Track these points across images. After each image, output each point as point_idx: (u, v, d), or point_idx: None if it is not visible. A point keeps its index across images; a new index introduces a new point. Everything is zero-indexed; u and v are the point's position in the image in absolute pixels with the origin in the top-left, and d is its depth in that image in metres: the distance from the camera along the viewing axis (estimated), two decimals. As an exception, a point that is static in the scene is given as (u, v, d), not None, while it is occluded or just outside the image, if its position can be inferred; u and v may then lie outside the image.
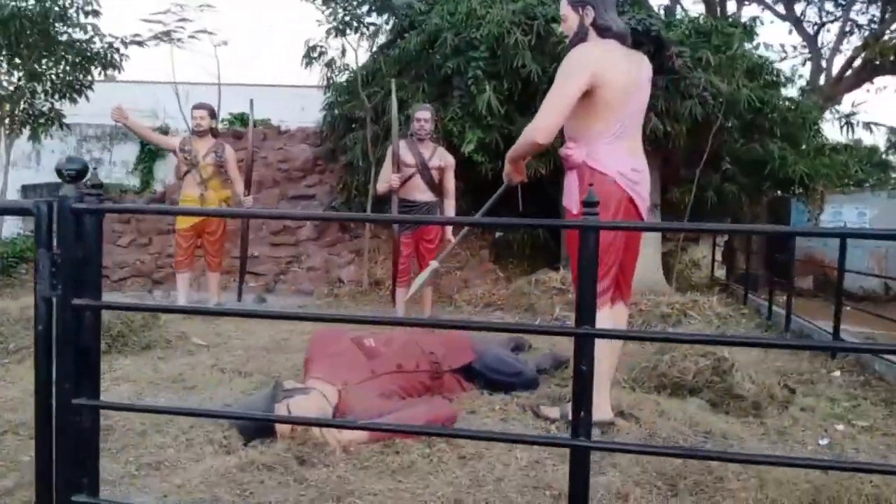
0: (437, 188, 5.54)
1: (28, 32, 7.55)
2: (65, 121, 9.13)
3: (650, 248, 7.91)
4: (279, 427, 2.56)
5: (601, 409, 2.68)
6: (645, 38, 6.07)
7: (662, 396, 3.29)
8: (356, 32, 7.12)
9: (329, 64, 8.26)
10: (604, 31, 2.79)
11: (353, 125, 8.15)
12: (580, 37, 2.82)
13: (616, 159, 2.71)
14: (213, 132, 5.93)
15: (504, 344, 3.55)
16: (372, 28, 7.38)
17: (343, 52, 8.21)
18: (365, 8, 6.57)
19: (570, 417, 2.74)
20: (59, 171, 1.52)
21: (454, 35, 6.73)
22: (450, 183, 5.58)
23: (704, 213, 8.25)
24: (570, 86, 2.63)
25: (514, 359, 3.34)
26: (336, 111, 8.63)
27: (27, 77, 8.25)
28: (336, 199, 8.75)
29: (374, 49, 8.30)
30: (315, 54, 8.14)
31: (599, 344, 2.69)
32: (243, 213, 6.00)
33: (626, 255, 2.84)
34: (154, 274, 8.37)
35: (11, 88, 8.18)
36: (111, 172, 11.46)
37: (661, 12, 7.88)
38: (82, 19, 8.07)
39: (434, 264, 4.02)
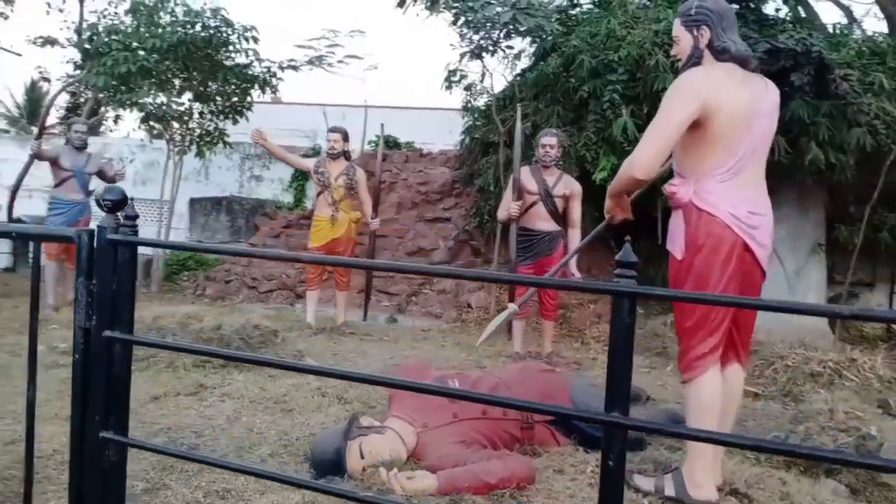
0: (560, 217, 5.30)
1: (195, 57, 8.20)
2: (228, 140, 9.85)
3: (812, 292, 7.13)
4: (350, 465, 2.46)
5: (703, 485, 2.34)
6: (805, 60, 5.46)
7: (791, 474, 2.84)
8: (492, 56, 7.04)
9: (468, 88, 8.26)
10: (721, 54, 2.47)
11: (490, 149, 8.08)
12: (694, 60, 2.52)
13: (729, 199, 2.37)
14: (346, 155, 6.08)
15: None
16: (510, 51, 7.25)
17: (483, 76, 8.18)
18: (497, 32, 6.45)
19: (665, 492, 2.43)
20: (97, 201, 1.51)
21: (591, 57, 6.46)
22: (575, 212, 5.31)
23: (877, 256, 7.30)
24: (675, 115, 2.34)
25: (617, 413, 3.03)
26: (474, 135, 8.60)
27: (195, 98, 8.99)
28: (469, 222, 8.70)
29: (516, 73, 8.21)
30: (455, 78, 8.17)
31: (699, 404, 2.36)
32: (271, 255, 6.05)
33: (743, 308, 2.48)
34: (297, 288, 8.74)
35: (181, 109, 8.94)
36: (270, 189, 12.23)
37: (831, 28, 7.08)
38: (244, 45, 8.67)
39: (512, 307, 3.80)
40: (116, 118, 9.88)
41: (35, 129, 6.59)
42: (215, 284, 8.81)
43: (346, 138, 6.08)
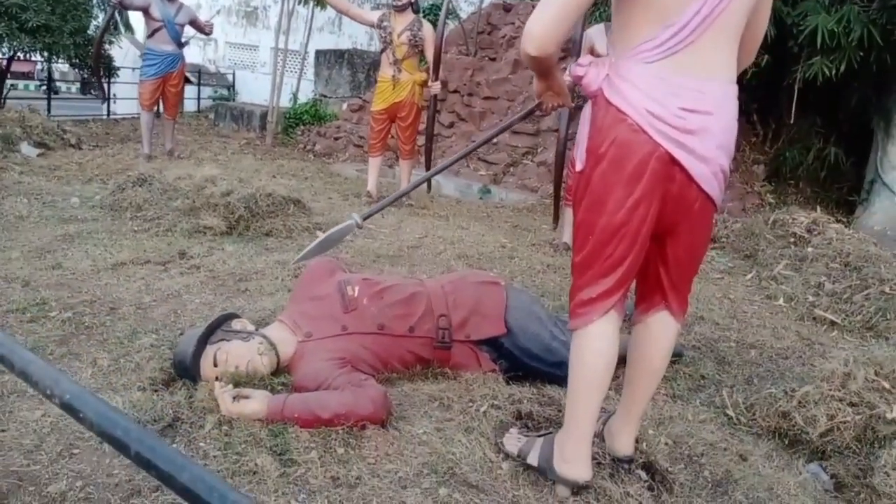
0: None
1: None
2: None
3: None
4: (203, 372, 2.23)
5: (574, 460, 1.81)
6: None
7: (763, 447, 2.21)
8: None
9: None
10: None
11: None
12: None
13: (650, 90, 1.61)
14: (415, 7, 5.47)
15: (555, 317, 2.64)
16: None
17: None
18: None
19: (528, 459, 1.95)
20: None
21: None
22: None
23: None
24: None
25: (562, 343, 2.46)
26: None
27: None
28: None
29: None
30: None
31: (580, 364, 1.78)
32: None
33: (674, 242, 1.78)
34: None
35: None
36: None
37: None
38: None
39: (354, 218, 2.51)
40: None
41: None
42: (324, 141, 8.81)
43: (414, -12, 5.45)
